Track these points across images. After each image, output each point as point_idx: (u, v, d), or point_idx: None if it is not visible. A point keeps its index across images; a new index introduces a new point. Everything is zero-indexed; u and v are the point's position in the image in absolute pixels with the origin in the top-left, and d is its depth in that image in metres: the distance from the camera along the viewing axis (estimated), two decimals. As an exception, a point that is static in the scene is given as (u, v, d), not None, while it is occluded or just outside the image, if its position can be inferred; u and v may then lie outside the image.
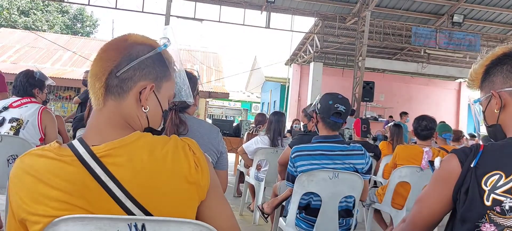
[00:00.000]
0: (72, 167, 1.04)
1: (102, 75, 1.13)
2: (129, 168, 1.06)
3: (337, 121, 2.80)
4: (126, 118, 1.16)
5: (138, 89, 1.16)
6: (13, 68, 14.03)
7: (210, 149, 2.38)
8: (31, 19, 29.09)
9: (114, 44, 1.18)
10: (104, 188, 1.03)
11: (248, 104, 31.78)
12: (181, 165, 1.11)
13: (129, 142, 1.09)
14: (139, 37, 1.20)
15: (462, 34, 13.62)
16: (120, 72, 1.13)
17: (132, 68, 1.14)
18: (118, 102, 1.15)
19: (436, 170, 1.39)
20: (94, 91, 1.15)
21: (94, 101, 1.15)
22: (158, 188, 1.07)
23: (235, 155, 7.56)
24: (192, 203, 1.13)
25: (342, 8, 13.50)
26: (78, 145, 1.07)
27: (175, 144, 1.13)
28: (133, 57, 1.15)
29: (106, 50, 1.16)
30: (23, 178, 1.05)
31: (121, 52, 1.15)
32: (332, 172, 2.72)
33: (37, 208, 1.02)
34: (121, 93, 1.14)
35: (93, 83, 1.15)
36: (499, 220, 1.22)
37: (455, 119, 18.91)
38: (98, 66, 1.15)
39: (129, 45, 1.17)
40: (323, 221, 2.78)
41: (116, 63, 1.13)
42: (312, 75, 15.25)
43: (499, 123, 1.40)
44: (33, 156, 1.07)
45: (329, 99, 2.83)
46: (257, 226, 4.82)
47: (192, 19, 12.82)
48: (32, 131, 3.35)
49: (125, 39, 1.18)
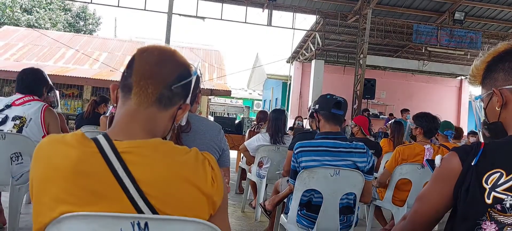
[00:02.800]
0: (91, 158, 1.06)
1: (159, 83, 1.16)
2: (147, 169, 1.07)
3: (337, 112, 2.83)
4: (157, 127, 1.20)
5: (178, 106, 1.23)
6: (16, 66, 14.05)
7: (212, 146, 2.39)
8: (34, 17, 29.06)
9: (173, 58, 1.22)
10: (119, 183, 1.05)
11: (250, 101, 31.78)
12: (199, 176, 1.12)
13: (151, 144, 1.11)
14: (185, 58, 1.26)
15: (464, 32, 13.58)
16: (174, 86, 1.18)
17: (182, 86, 1.20)
18: (160, 112, 1.19)
19: (437, 168, 1.38)
20: (142, 93, 1.15)
21: (137, 101, 1.16)
22: (172, 194, 1.09)
23: (237, 152, 7.58)
24: (203, 214, 1.14)
25: (344, 6, 13.48)
26: (101, 138, 1.09)
27: (196, 156, 1.16)
28: (185, 76, 1.21)
29: (167, 61, 1.20)
30: (38, 162, 1.09)
31: (178, 68, 1.21)
32: (333, 169, 2.73)
33: (45, 198, 1.05)
34: (167, 105, 1.19)
35: (146, 85, 1.15)
36: (500, 218, 1.22)
37: (456, 116, 18.88)
38: (159, 74, 1.17)
39: (182, 63, 1.23)
40: (324, 218, 2.79)
41: (174, 77, 1.18)
42: (314, 73, 15.23)
43: (500, 121, 1.38)
44: (53, 143, 1.10)
45: (326, 95, 2.92)
46: (259, 222, 4.83)
47: (194, 17, 12.82)
48: (35, 129, 3.34)
49: (179, 56, 1.25)
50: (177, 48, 1.31)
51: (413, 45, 14.98)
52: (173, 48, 1.26)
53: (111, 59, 18.61)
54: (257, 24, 13.43)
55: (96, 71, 16.28)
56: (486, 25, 14.60)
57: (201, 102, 2.80)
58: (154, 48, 1.22)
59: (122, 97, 1.19)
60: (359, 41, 13.09)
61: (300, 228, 2.88)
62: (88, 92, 16.00)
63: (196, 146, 1.24)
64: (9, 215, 3.26)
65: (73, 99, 16.08)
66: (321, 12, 13.63)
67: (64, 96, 15.68)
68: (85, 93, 16.05)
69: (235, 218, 5.01)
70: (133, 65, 1.18)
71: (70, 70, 15.68)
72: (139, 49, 1.23)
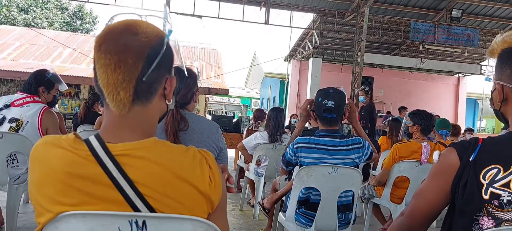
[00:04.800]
0: (85, 161, 1.04)
1: (128, 83, 1.06)
2: (144, 170, 1.05)
3: (329, 116, 2.83)
4: (150, 120, 1.15)
5: (163, 86, 1.15)
6: (13, 65, 14.01)
7: (210, 145, 2.39)
8: (31, 17, 28.98)
9: (130, 42, 1.06)
10: (116, 186, 1.03)
11: (247, 100, 31.76)
12: (196, 175, 1.10)
13: (147, 145, 1.08)
14: (148, 28, 1.10)
15: (461, 29, 13.60)
16: (146, 76, 1.07)
17: (156, 67, 1.08)
18: (145, 107, 1.12)
19: (435, 164, 1.38)
20: (115, 98, 1.06)
21: (116, 108, 1.08)
22: (170, 194, 1.07)
23: (235, 150, 7.58)
24: (202, 214, 1.13)
25: (341, 4, 13.47)
26: (93, 140, 1.07)
27: (193, 155, 1.13)
28: (154, 56, 1.08)
29: (125, 51, 1.05)
30: (34, 165, 1.07)
31: (142, 53, 1.07)
32: (332, 167, 2.73)
33: (42, 200, 1.05)
34: (148, 97, 1.11)
35: (116, 92, 1.06)
36: (497, 213, 1.23)
37: (454, 113, 18.91)
38: (118, 74, 1.05)
39: (144, 44, 1.07)
40: (323, 216, 2.79)
41: (140, 67, 1.06)
42: (311, 71, 15.24)
43: (500, 111, 1.39)
44: (48, 145, 1.08)
45: (319, 96, 2.89)
46: (257, 221, 4.84)
47: (191, 16, 12.80)
48: (31, 132, 3.29)
49: (135, 32, 1.07)
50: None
51: (411, 43, 15.01)
52: (133, 21, 1.11)
53: (108, 59, 18.55)
54: (255, 23, 13.41)
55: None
56: (483, 22, 14.62)
57: (198, 101, 2.81)
58: (110, 38, 1.07)
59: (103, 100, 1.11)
60: (357, 39, 13.09)
61: (299, 226, 2.88)
62: (86, 92, 15.97)
63: (194, 144, 1.23)
64: (7, 214, 3.26)
65: (71, 98, 16.07)
66: (318, 10, 13.62)
67: (61, 96, 15.62)
68: (82, 93, 16.04)
69: (233, 216, 5.01)
70: (95, 68, 1.09)
71: (67, 70, 15.63)
72: (96, 42, 1.08)
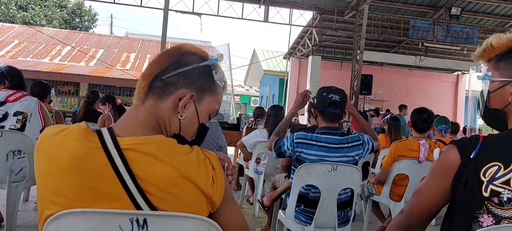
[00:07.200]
0: (93, 153, 1.06)
1: (149, 76, 1.19)
2: (148, 167, 1.07)
3: (333, 111, 2.83)
4: (159, 120, 1.19)
5: (178, 96, 1.18)
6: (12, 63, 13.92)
7: (210, 143, 2.40)
8: (30, 14, 28.90)
9: (168, 50, 1.23)
10: (120, 180, 1.05)
11: (247, 98, 31.76)
12: (200, 175, 1.12)
13: (153, 142, 1.10)
14: (193, 48, 1.24)
15: (460, 27, 13.60)
16: (165, 76, 1.17)
17: (177, 74, 1.18)
18: (156, 103, 1.18)
19: (435, 161, 1.37)
20: (138, 89, 1.20)
21: (135, 97, 1.21)
22: (172, 192, 1.08)
23: (234, 148, 7.57)
24: (202, 213, 1.13)
25: (340, 2, 13.45)
26: (105, 132, 1.09)
27: (197, 155, 1.15)
28: (181, 65, 1.19)
29: (160, 55, 1.23)
30: (40, 155, 1.09)
31: (171, 58, 1.20)
32: (331, 164, 2.73)
33: (47, 191, 1.07)
34: (161, 95, 1.18)
35: (140, 82, 1.20)
36: (497, 211, 1.23)
37: (453, 111, 18.93)
38: (149, 68, 1.21)
39: (180, 53, 1.22)
40: (322, 214, 2.80)
41: (164, 67, 1.18)
42: (311, 69, 15.21)
43: (504, 110, 1.34)
44: (55, 136, 1.09)
45: (323, 91, 2.89)
46: (257, 218, 4.84)
47: (190, 13, 12.77)
48: (36, 123, 3.49)
49: (180, 47, 1.24)
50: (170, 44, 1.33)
51: (410, 41, 14.98)
52: (188, 44, 1.27)
53: (107, 56, 18.58)
54: (254, 20, 13.39)
55: (92, 68, 16.25)
56: (482, 20, 14.60)
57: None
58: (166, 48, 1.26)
59: None
60: (356, 37, 13.08)
61: (298, 223, 2.89)
62: (85, 90, 15.94)
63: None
64: (6, 212, 3.26)
65: (70, 96, 16.06)
66: (318, 8, 13.60)
67: (61, 94, 15.64)
68: (81, 91, 16.02)
69: (233, 214, 5.00)
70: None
71: (66, 68, 15.63)
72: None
